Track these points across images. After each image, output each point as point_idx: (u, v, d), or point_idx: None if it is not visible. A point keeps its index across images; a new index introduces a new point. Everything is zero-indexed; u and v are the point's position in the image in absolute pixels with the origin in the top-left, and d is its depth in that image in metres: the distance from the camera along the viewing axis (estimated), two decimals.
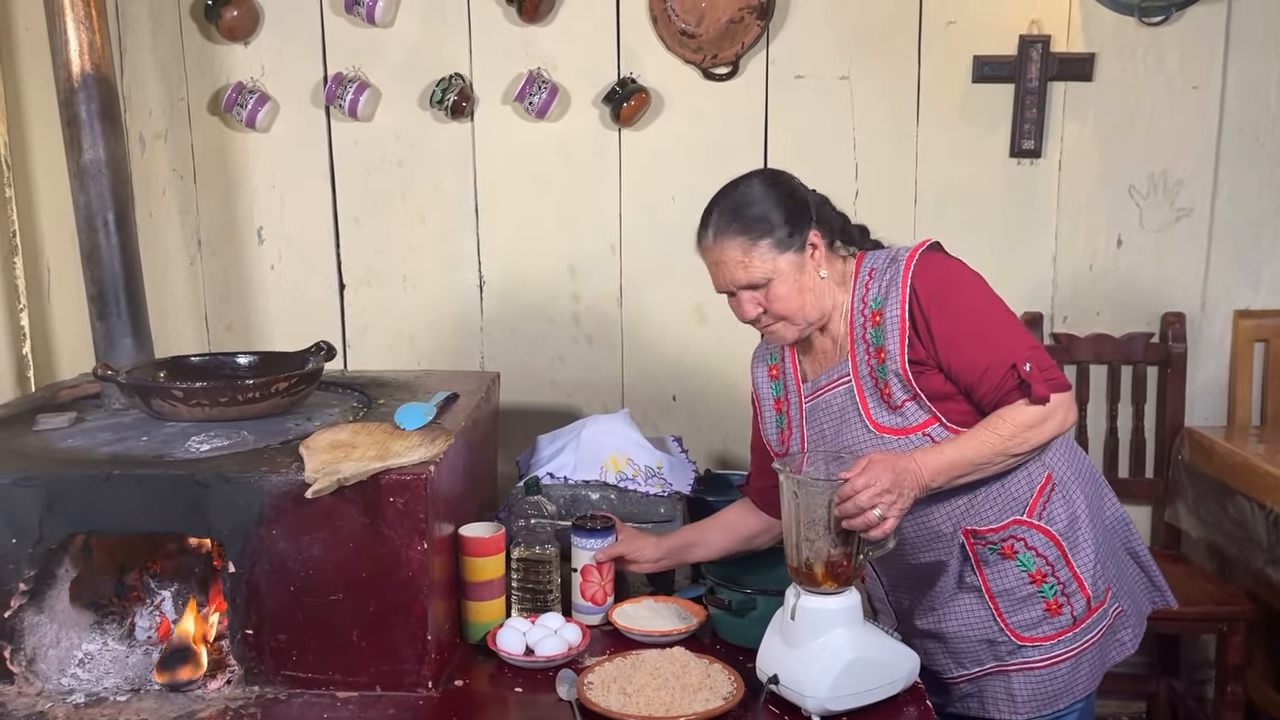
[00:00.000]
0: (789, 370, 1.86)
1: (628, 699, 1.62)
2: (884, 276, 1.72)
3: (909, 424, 1.69)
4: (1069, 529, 1.76)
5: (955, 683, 1.83)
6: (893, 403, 1.69)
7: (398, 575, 1.70)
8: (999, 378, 1.65)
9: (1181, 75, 2.65)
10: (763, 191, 1.71)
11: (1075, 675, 1.76)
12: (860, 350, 1.73)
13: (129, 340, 2.14)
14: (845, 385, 1.75)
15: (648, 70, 2.68)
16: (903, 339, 1.67)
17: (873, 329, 1.71)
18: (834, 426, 1.78)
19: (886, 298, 1.70)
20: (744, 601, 1.81)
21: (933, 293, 1.67)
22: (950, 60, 2.66)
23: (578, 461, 2.11)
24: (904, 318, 1.67)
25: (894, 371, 1.68)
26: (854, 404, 1.74)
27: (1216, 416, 2.78)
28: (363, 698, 1.72)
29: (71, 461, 1.78)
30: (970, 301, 1.69)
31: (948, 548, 1.77)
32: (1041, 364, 1.66)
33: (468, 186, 2.76)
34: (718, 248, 1.70)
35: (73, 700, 1.72)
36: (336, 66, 2.70)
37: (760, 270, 1.69)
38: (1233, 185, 2.69)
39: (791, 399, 1.85)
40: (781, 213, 1.69)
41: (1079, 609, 1.75)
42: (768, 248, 1.68)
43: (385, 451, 1.76)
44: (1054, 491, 1.76)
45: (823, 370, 1.80)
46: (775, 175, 1.77)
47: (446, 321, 2.82)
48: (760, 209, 1.69)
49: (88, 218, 2.11)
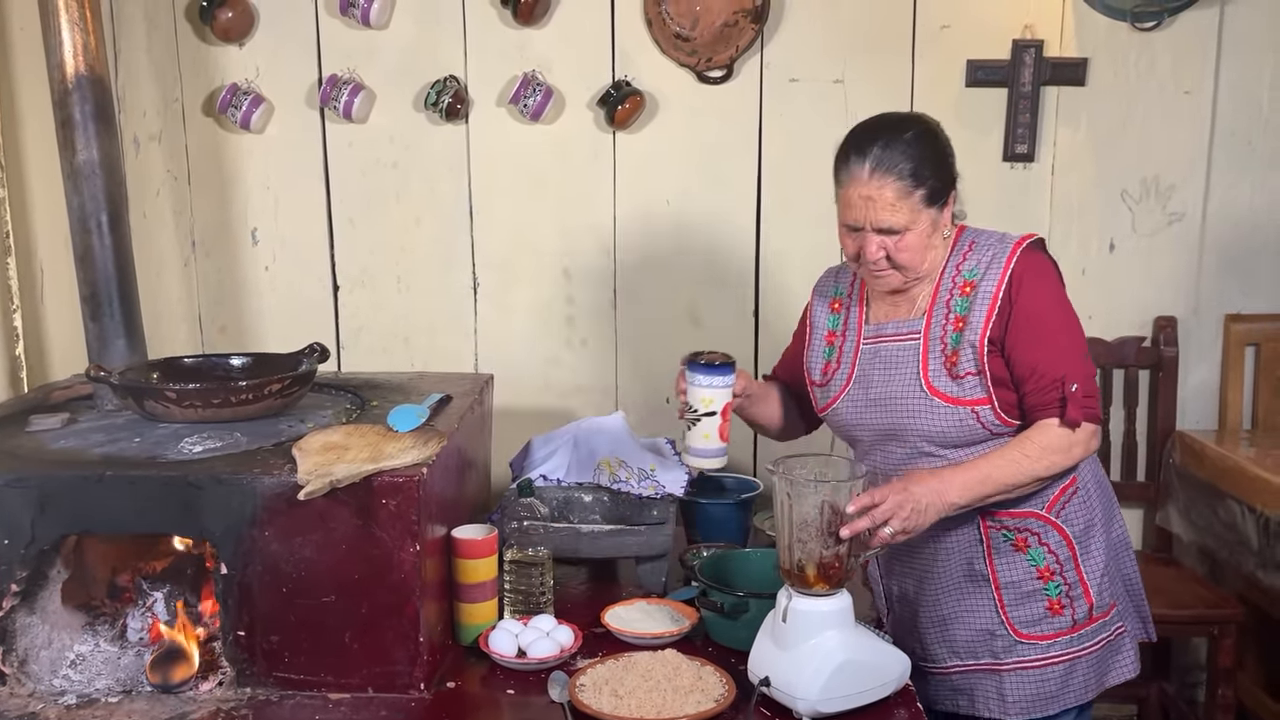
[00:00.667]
0: (854, 309, 1.88)
1: (619, 701, 1.63)
2: (986, 252, 1.75)
3: (964, 396, 1.72)
4: (1084, 534, 1.78)
5: (947, 673, 1.83)
6: (956, 372, 1.72)
7: (390, 577, 1.70)
8: (1045, 384, 1.69)
9: (1174, 80, 2.66)
10: (929, 142, 1.72)
11: (1069, 681, 1.77)
12: (939, 313, 1.76)
13: (122, 341, 2.14)
14: (912, 341, 1.77)
15: (642, 73, 2.69)
16: (989, 315, 1.71)
17: (960, 298, 1.74)
18: (884, 375, 1.79)
19: (985, 273, 1.73)
20: (736, 604, 1.82)
21: (1028, 284, 1.71)
22: (944, 64, 2.66)
23: (571, 463, 2.11)
24: (998, 296, 1.71)
25: (970, 342, 1.71)
26: (915, 361, 1.76)
27: (1208, 420, 2.79)
28: (355, 699, 1.72)
29: (64, 462, 1.78)
30: (1052, 305, 1.74)
31: (963, 532, 1.78)
32: (1087, 390, 1.70)
33: (462, 188, 2.76)
34: (873, 184, 1.68)
35: (64, 701, 1.72)
36: (331, 68, 2.70)
37: (905, 218, 1.70)
38: (1224, 190, 2.70)
39: (848, 336, 1.87)
40: (937, 168, 1.72)
41: (1080, 613, 1.77)
42: (921, 199, 1.70)
43: (378, 453, 1.77)
44: (1076, 495, 1.78)
45: (891, 319, 1.81)
46: (937, 127, 1.77)
47: (440, 323, 2.82)
48: (921, 159, 1.69)
49: (81, 219, 2.10)
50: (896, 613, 1.93)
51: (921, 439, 1.76)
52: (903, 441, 1.79)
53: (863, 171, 1.70)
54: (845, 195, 1.74)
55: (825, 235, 2.72)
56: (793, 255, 2.75)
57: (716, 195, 2.74)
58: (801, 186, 2.72)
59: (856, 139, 1.74)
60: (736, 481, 2.42)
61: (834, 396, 1.85)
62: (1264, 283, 2.74)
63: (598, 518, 2.05)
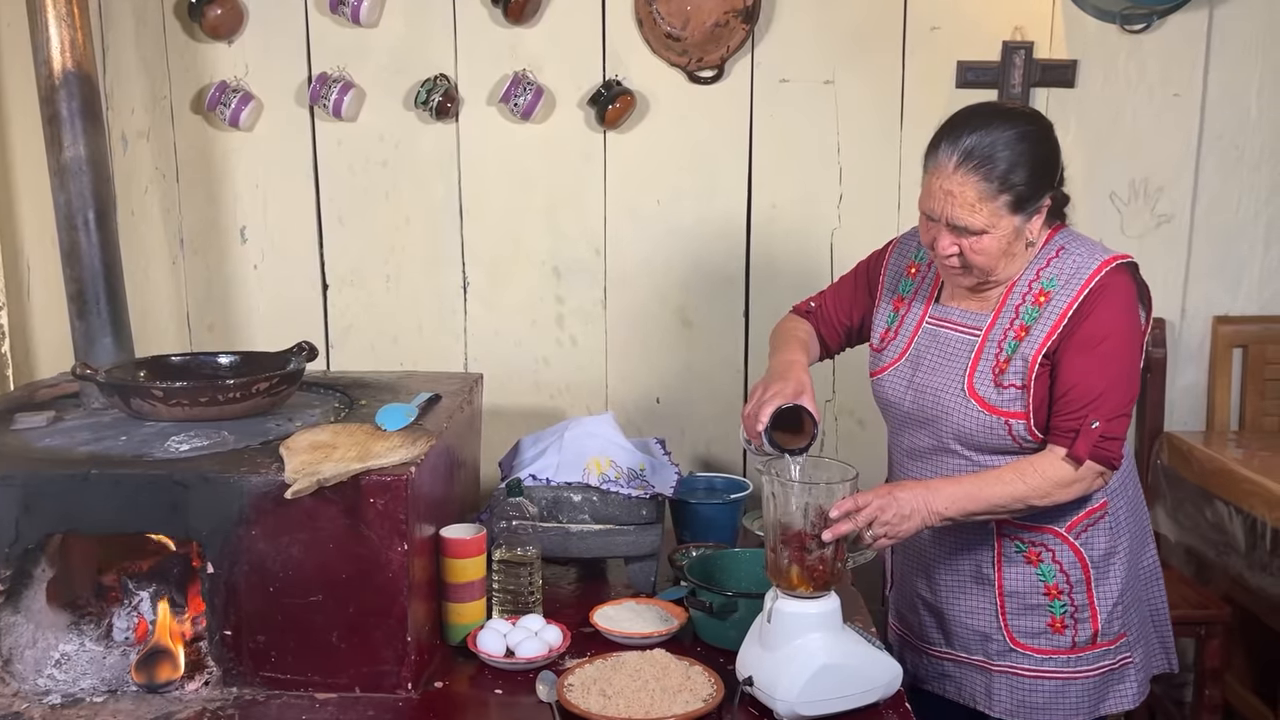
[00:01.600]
0: (929, 282, 1.79)
1: (607, 701, 1.62)
2: (1070, 264, 1.66)
3: (1002, 406, 1.66)
4: (1103, 560, 1.73)
5: (938, 657, 1.82)
6: (1001, 381, 1.66)
7: (378, 576, 1.70)
8: (1072, 409, 1.62)
9: (1163, 83, 2.67)
10: (1027, 145, 1.59)
11: (1059, 699, 1.74)
12: (1006, 316, 1.68)
13: (109, 339, 2.13)
14: (971, 337, 1.71)
15: (633, 73, 2.68)
16: (1051, 332, 1.64)
17: (1031, 306, 1.66)
18: (933, 362, 1.73)
19: (1063, 286, 1.64)
20: (725, 604, 1.82)
21: (1101, 306, 1.62)
22: (934, 66, 2.67)
23: (560, 463, 2.10)
24: (1066, 313, 1.63)
25: (1024, 355, 1.65)
26: (966, 358, 1.70)
27: (1195, 422, 2.80)
28: (342, 699, 1.72)
29: (49, 461, 1.77)
30: (1115, 334, 1.63)
31: (975, 533, 1.75)
32: (1110, 432, 1.62)
33: (452, 187, 2.75)
34: (956, 178, 1.59)
35: (49, 701, 1.71)
36: (321, 66, 2.69)
37: (983, 220, 1.60)
38: (1213, 192, 2.71)
39: (914, 308, 1.79)
40: (1032, 174, 1.60)
41: (1083, 638, 1.74)
42: (1004, 204, 1.59)
43: (366, 452, 1.76)
44: (1103, 520, 1.73)
45: (959, 306, 1.74)
46: (1044, 129, 1.65)
47: (430, 322, 2.81)
48: (1015, 162, 1.58)
49: (68, 216, 2.09)
50: (898, 588, 1.91)
51: (950, 435, 1.72)
52: (932, 431, 1.74)
53: (949, 162, 1.59)
54: (927, 182, 1.64)
55: (814, 235, 2.74)
56: (783, 256, 2.75)
57: (707, 195, 2.74)
58: (792, 187, 2.72)
59: (953, 124, 1.62)
60: (726, 482, 2.42)
61: (884, 366, 1.79)
62: (1252, 285, 2.75)
63: (587, 517, 2.05)
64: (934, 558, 1.82)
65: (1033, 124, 1.64)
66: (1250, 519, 2.48)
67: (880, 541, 1.61)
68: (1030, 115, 1.67)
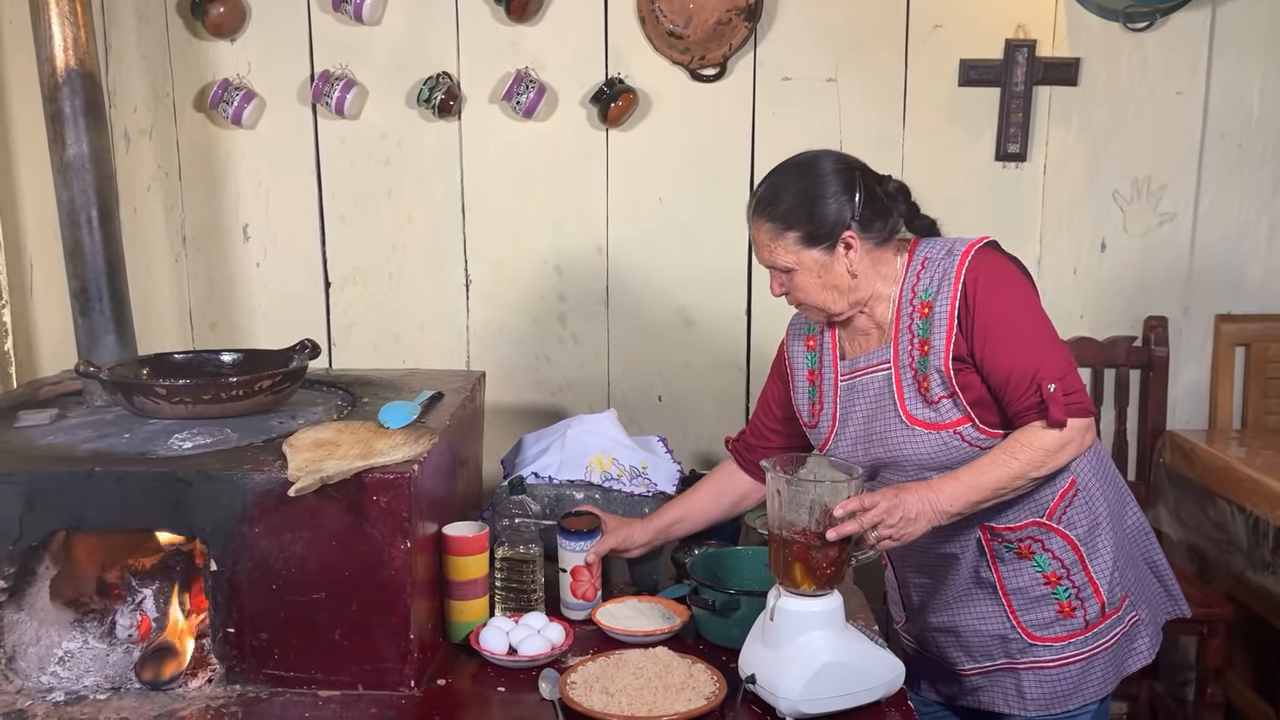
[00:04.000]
0: (827, 345, 1.84)
1: (610, 699, 1.62)
2: (937, 269, 1.70)
3: (942, 420, 1.68)
4: (1088, 535, 1.75)
5: (966, 674, 1.83)
6: (929, 397, 1.68)
7: (380, 574, 1.70)
8: (1022, 388, 1.64)
9: (1165, 81, 2.67)
10: (806, 184, 1.68)
11: (1086, 677, 1.76)
12: (905, 340, 1.71)
13: (112, 337, 2.13)
14: (884, 372, 1.74)
15: (635, 71, 2.68)
16: (949, 335, 1.66)
17: (920, 320, 1.69)
18: (864, 410, 1.76)
19: (938, 291, 1.68)
20: (727, 602, 1.82)
21: (982, 289, 1.66)
22: (936, 64, 2.67)
23: (562, 461, 2.11)
24: (953, 313, 1.66)
25: (936, 367, 1.67)
26: (890, 393, 1.73)
27: (1198, 420, 2.80)
28: (344, 697, 1.72)
29: (52, 458, 1.77)
30: (1014, 305, 1.67)
31: (965, 542, 1.77)
32: (1068, 386, 1.63)
33: (454, 185, 2.75)
34: (753, 225, 1.72)
35: (53, 699, 1.71)
36: (323, 64, 2.69)
37: (784, 259, 1.70)
38: (1215, 191, 2.71)
39: (826, 374, 1.83)
40: (816, 209, 1.67)
41: (1093, 614, 1.75)
42: (794, 240, 1.68)
43: (369, 450, 1.76)
44: (1076, 497, 1.75)
45: (862, 352, 1.78)
46: (831, 161, 1.71)
47: (432, 320, 2.81)
48: (795, 201, 1.67)
49: (71, 213, 2.09)
50: (910, 619, 1.93)
51: (915, 466, 1.73)
52: (899, 469, 1.76)
53: (750, 213, 1.73)
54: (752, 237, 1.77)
55: None
56: None
57: (709, 193, 2.74)
58: None
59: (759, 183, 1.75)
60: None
61: (825, 437, 1.83)
62: (1254, 284, 2.75)
63: None
64: (934, 574, 1.84)
65: (811, 163, 1.71)
66: (1252, 518, 2.48)
67: (885, 543, 1.62)
68: (810, 158, 1.73)
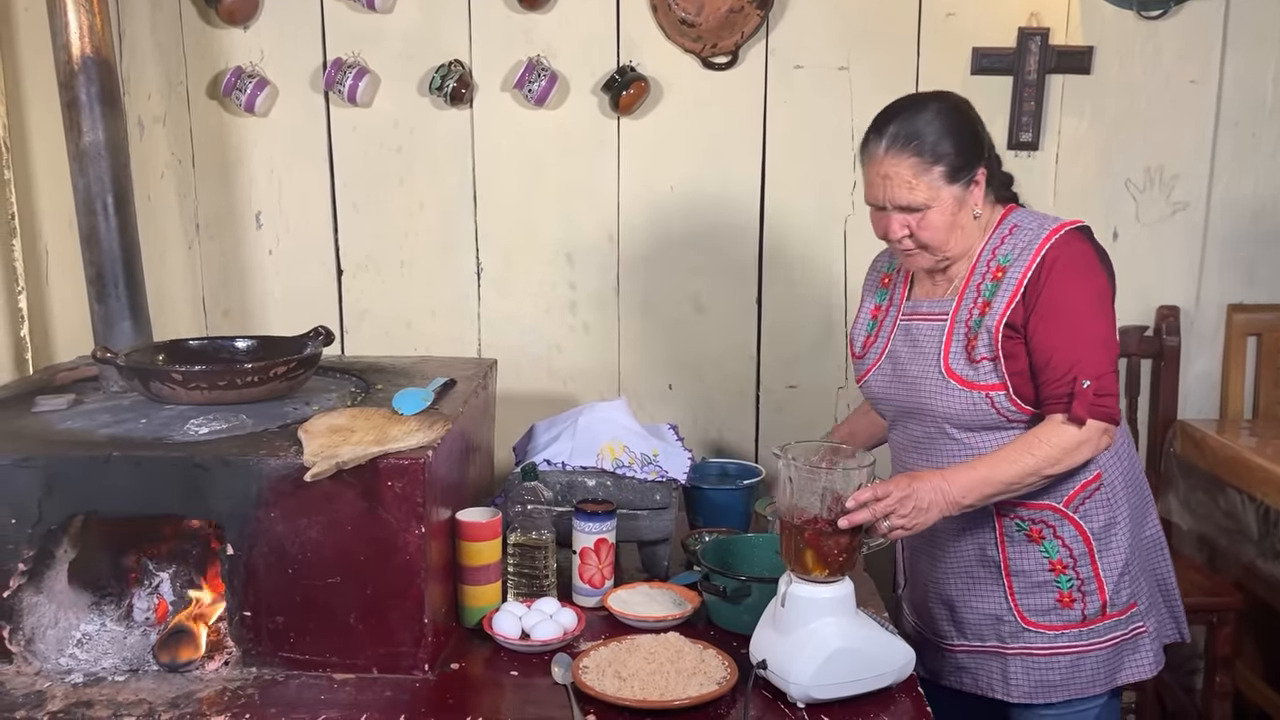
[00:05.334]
0: (899, 285, 1.88)
1: (622, 683, 1.64)
2: (1023, 237, 1.72)
3: (979, 380, 1.70)
4: (1104, 530, 1.76)
5: (953, 650, 1.84)
6: (973, 356, 1.71)
7: (395, 559, 1.72)
8: (1058, 375, 1.66)
9: (1179, 69, 2.65)
10: (947, 118, 1.70)
11: (1075, 673, 1.77)
12: (970, 296, 1.74)
13: (128, 323, 2.15)
14: (940, 322, 1.77)
15: (647, 59, 2.68)
16: (1011, 300, 1.69)
17: (990, 283, 1.72)
18: (910, 353, 1.79)
19: (1017, 258, 1.71)
20: (739, 589, 1.83)
21: (1059, 269, 1.67)
22: (949, 52, 2.66)
23: (574, 448, 2.12)
24: (1023, 282, 1.68)
25: (988, 327, 1.70)
26: (938, 343, 1.75)
27: (1209, 410, 2.80)
28: (359, 680, 1.73)
29: (70, 443, 1.79)
30: (1081, 293, 1.69)
31: (976, 517, 1.77)
32: (1102, 389, 1.65)
33: (466, 173, 2.76)
34: (889, 162, 1.69)
35: (71, 680, 1.73)
36: (336, 52, 2.70)
37: (923, 195, 1.69)
38: (1228, 180, 2.70)
39: (890, 312, 1.87)
40: (960, 143, 1.69)
41: (1092, 609, 1.76)
42: (939, 175, 1.68)
43: (383, 436, 1.77)
44: (1099, 491, 1.76)
45: (926, 298, 1.81)
46: (960, 104, 1.75)
47: (444, 308, 2.82)
48: (941, 135, 1.68)
49: (87, 200, 2.11)
50: (911, 584, 1.94)
51: (940, 419, 1.75)
52: (923, 420, 1.78)
53: (879, 149, 1.70)
54: (867, 175, 1.74)
55: (828, 222, 2.74)
56: (796, 243, 2.75)
57: (720, 182, 2.74)
58: (806, 174, 2.72)
59: (876, 119, 1.73)
60: (739, 468, 2.43)
61: (867, 369, 1.87)
62: (1266, 273, 2.74)
63: None
64: (941, 549, 1.84)
65: (946, 100, 1.75)
66: (1263, 507, 2.48)
67: (896, 532, 1.63)
68: (941, 95, 1.77)
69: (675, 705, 1.59)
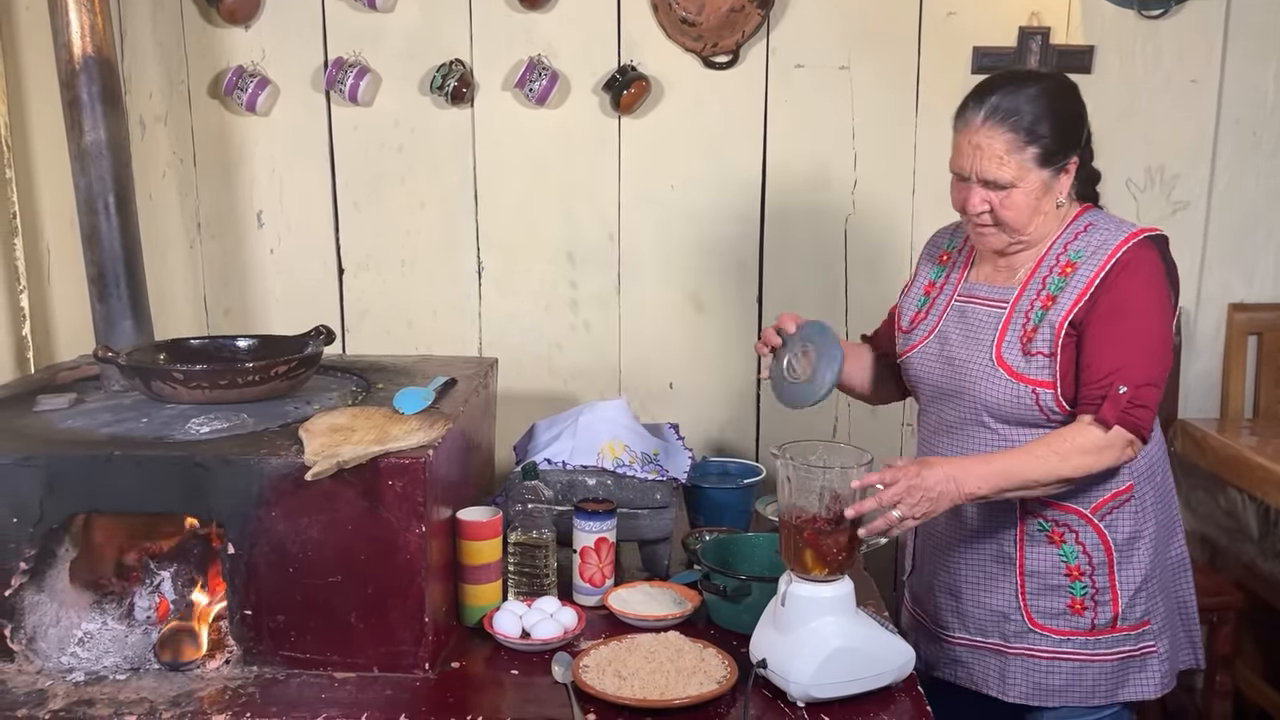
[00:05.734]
0: (959, 264, 1.84)
1: (623, 682, 1.64)
2: (1098, 235, 1.69)
3: (1029, 374, 1.68)
4: (1127, 544, 1.73)
5: (951, 643, 1.82)
6: (1029, 349, 1.68)
7: (396, 558, 1.72)
8: (1098, 377, 1.63)
9: (1180, 69, 2.65)
10: (1050, 99, 1.65)
11: (1076, 681, 1.74)
12: (1034, 288, 1.71)
13: (129, 322, 2.15)
14: (998, 310, 1.74)
15: (648, 58, 2.68)
16: (1080, 298, 1.66)
17: (1058, 277, 1.69)
18: (961, 335, 1.76)
19: (1090, 256, 1.68)
20: (739, 588, 1.83)
21: (1128, 274, 1.65)
22: (950, 51, 2.66)
23: (575, 447, 2.12)
24: (1093, 282, 1.65)
25: (1051, 322, 1.67)
26: (994, 329, 1.73)
27: (1209, 409, 2.80)
28: (360, 679, 1.74)
29: (72, 442, 1.80)
30: (1144, 303, 1.66)
31: (999, 514, 1.75)
32: (1138, 399, 1.62)
33: (467, 172, 2.76)
34: (984, 133, 1.65)
35: (72, 679, 1.74)
36: (337, 51, 2.70)
37: (1011, 173, 1.65)
38: (1229, 179, 2.70)
39: (945, 290, 1.84)
40: (1059, 127, 1.65)
41: (1103, 620, 1.73)
42: (1032, 156, 1.65)
43: (384, 435, 1.78)
44: (1129, 503, 1.73)
45: (986, 283, 1.78)
46: (1067, 87, 1.71)
47: (445, 307, 2.82)
48: (1041, 115, 1.64)
49: (88, 199, 2.11)
50: (918, 571, 1.92)
51: (979, 407, 1.73)
52: (960, 405, 1.75)
53: (977, 118, 1.66)
54: (957, 142, 1.70)
55: (829, 221, 2.74)
56: (797, 242, 2.75)
57: (721, 181, 2.74)
58: (807, 173, 2.72)
59: (979, 87, 1.69)
60: (739, 467, 2.44)
61: (913, 345, 1.83)
62: (1267, 273, 2.74)
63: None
64: (957, 538, 1.82)
65: (1054, 81, 1.70)
66: (1263, 506, 2.49)
67: (906, 522, 1.61)
68: (1052, 75, 1.74)
69: (675, 704, 1.59)
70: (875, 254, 2.73)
